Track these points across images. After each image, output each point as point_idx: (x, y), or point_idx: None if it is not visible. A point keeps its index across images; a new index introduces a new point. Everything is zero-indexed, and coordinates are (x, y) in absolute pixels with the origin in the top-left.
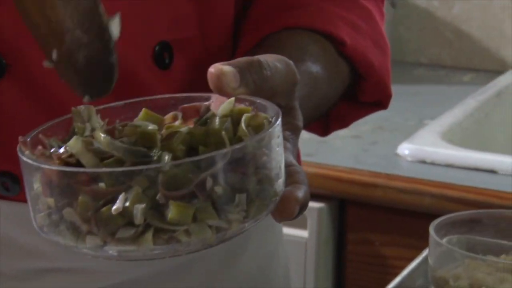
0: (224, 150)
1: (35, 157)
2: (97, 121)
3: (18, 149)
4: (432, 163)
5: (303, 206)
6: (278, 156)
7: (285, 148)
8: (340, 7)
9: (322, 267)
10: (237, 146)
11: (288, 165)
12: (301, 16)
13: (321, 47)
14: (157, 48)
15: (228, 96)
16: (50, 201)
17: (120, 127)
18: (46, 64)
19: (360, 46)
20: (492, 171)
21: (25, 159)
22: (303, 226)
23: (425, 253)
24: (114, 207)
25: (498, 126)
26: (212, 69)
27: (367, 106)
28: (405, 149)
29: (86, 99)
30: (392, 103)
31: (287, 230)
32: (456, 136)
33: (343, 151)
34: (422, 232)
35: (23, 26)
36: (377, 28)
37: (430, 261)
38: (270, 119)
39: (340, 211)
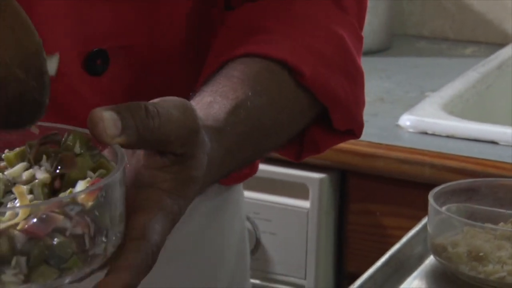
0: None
1: None
2: None
3: None
4: (433, 134)
5: None
6: (98, 223)
7: (159, 209)
8: (307, 34)
9: (323, 237)
10: (26, 207)
11: (132, 238)
12: (261, 43)
13: (274, 78)
14: (90, 54)
15: (106, 144)
16: None
17: None
18: None
19: (322, 77)
20: (493, 142)
21: None
22: (305, 196)
23: (424, 221)
24: None
25: (499, 98)
26: (92, 113)
27: (341, 134)
28: (406, 120)
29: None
30: (394, 75)
31: (289, 201)
32: (457, 107)
33: None
34: (422, 202)
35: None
36: (348, 56)
37: (429, 228)
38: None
39: (341, 181)
